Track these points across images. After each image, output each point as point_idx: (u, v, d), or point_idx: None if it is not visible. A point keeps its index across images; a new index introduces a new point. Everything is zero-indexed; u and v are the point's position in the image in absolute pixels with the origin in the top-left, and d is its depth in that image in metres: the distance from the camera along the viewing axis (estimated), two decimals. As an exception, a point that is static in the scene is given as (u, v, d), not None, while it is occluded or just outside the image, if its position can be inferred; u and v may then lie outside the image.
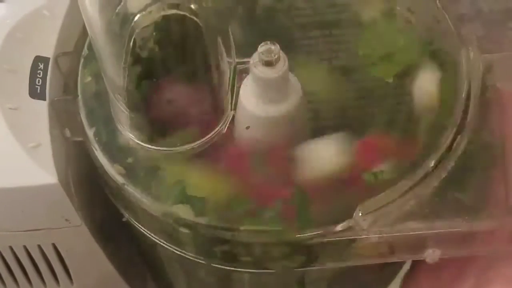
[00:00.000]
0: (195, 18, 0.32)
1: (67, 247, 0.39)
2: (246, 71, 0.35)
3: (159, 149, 0.35)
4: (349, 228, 0.33)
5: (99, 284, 0.43)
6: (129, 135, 0.35)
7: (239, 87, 0.35)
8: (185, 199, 0.33)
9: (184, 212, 0.33)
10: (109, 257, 0.42)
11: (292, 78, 0.34)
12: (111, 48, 0.32)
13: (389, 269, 0.44)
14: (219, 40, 0.33)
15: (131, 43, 0.32)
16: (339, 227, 0.33)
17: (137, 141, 0.35)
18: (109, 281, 0.44)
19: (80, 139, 0.36)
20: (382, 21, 0.38)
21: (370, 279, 0.43)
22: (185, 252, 0.35)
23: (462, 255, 0.34)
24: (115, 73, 0.32)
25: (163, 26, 0.32)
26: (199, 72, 0.33)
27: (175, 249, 0.36)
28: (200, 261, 0.36)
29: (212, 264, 0.35)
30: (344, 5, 0.39)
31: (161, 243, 0.36)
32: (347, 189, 0.33)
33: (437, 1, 0.39)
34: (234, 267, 0.35)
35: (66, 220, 0.37)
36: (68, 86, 0.38)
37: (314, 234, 0.33)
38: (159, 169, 0.34)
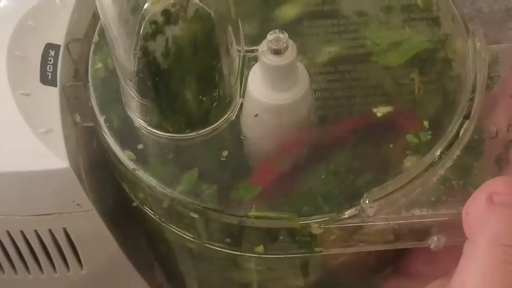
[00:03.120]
0: (205, 6, 0.32)
1: (78, 231, 0.40)
2: (254, 59, 0.35)
3: (169, 136, 0.35)
4: (356, 215, 0.33)
5: (109, 270, 0.44)
6: (139, 121, 0.35)
7: (247, 75, 0.35)
8: (195, 185, 0.34)
9: (193, 197, 0.34)
10: (119, 243, 0.42)
11: (300, 66, 0.35)
12: (123, 34, 0.32)
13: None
14: (229, 27, 0.33)
15: (142, 30, 0.32)
16: (346, 214, 0.33)
17: (148, 127, 0.35)
18: (119, 267, 0.44)
19: (90, 124, 0.37)
20: (389, 11, 0.39)
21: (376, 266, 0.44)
22: (194, 237, 0.36)
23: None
24: (127, 59, 0.33)
25: (172, 13, 0.32)
26: (209, 59, 0.33)
27: (184, 234, 0.36)
28: (209, 246, 0.36)
29: (220, 249, 0.36)
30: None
31: (171, 228, 0.36)
32: (354, 176, 0.34)
33: (445, -8, 0.39)
34: (243, 252, 0.36)
35: (78, 204, 0.37)
36: (79, 72, 0.38)
37: (322, 220, 0.33)
38: (169, 156, 0.35)
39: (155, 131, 0.35)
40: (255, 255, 0.35)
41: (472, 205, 0.31)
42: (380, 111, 0.36)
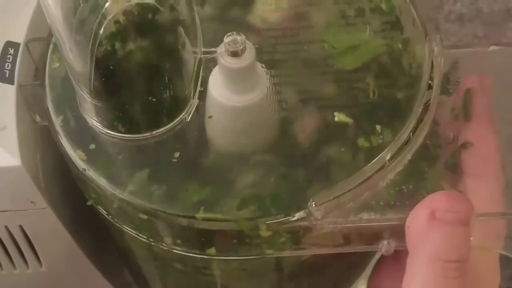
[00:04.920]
0: (159, 7, 0.32)
1: (34, 229, 0.40)
2: (213, 61, 0.35)
3: (122, 136, 0.35)
4: (304, 218, 0.33)
5: (68, 267, 0.44)
6: (93, 122, 0.35)
7: (206, 76, 0.35)
8: (144, 186, 0.34)
9: (142, 198, 0.34)
10: (77, 242, 0.42)
11: (259, 68, 0.35)
12: (74, 36, 0.32)
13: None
14: (180, 29, 0.33)
15: (102, 30, 0.32)
16: (295, 217, 0.33)
17: (101, 128, 0.35)
18: (78, 265, 0.44)
19: (46, 123, 0.37)
20: (351, 14, 0.39)
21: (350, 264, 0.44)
22: (147, 238, 0.36)
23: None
24: (75, 61, 0.33)
25: (129, 14, 0.32)
26: (159, 61, 0.33)
27: (137, 235, 0.36)
28: (161, 247, 0.36)
29: (173, 251, 0.36)
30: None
31: (123, 228, 0.36)
32: (305, 178, 0.34)
33: (405, -4, 0.39)
34: (195, 254, 0.36)
35: (32, 202, 0.38)
36: (39, 72, 0.38)
37: (270, 223, 0.33)
38: (120, 156, 0.35)
39: (108, 131, 0.35)
40: (206, 257, 0.36)
41: (413, 220, 0.31)
42: (339, 117, 0.36)
